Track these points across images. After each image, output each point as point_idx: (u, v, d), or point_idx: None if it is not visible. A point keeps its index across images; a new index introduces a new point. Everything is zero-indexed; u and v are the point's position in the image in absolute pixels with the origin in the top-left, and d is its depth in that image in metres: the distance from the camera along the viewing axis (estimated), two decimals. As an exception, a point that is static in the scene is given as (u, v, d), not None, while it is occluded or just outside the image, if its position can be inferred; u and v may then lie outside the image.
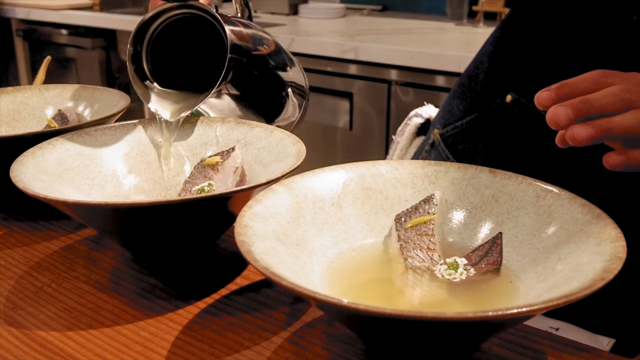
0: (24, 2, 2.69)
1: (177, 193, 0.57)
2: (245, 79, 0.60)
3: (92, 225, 0.51)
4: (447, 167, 0.48)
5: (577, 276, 0.35)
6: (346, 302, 0.31)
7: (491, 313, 0.30)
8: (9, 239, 0.57)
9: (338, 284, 0.42)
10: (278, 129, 0.56)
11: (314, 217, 0.45)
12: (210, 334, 0.43)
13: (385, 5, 2.52)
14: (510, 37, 0.68)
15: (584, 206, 0.41)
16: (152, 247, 0.51)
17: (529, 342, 0.42)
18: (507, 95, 0.64)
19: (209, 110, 0.61)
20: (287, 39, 1.89)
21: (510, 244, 0.44)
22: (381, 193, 0.48)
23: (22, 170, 0.49)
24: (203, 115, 0.61)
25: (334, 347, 0.42)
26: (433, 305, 0.41)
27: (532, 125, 0.62)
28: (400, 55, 1.70)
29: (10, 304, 0.47)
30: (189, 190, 0.55)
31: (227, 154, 0.57)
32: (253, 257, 0.35)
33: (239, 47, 0.57)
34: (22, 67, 2.85)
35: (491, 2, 2.02)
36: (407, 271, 0.44)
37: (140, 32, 0.59)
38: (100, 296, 0.48)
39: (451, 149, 0.71)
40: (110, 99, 0.69)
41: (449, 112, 0.74)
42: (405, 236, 0.46)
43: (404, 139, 0.84)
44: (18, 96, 0.74)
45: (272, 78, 0.64)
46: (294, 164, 0.48)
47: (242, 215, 0.40)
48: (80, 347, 0.42)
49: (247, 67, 0.59)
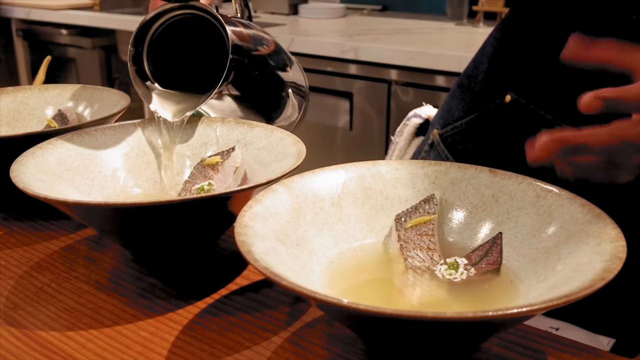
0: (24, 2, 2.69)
1: (177, 193, 0.57)
2: (246, 79, 0.60)
3: (92, 225, 0.51)
4: (447, 167, 0.48)
5: (577, 276, 0.35)
6: (346, 302, 0.31)
7: (491, 313, 0.30)
8: (9, 239, 0.57)
9: (338, 284, 0.42)
10: (278, 129, 0.56)
11: (314, 217, 0.45)
12: (210, 334, 0.43)
13: (385, 5, 2.52)
14: (510, 37, 0.68)
15: (584, 206, 0.41)
16: (152, 247, 0.51)
17: (529, 342, 0.42)
18: (507, 95, 0.64)
19: (209, 110, 0.61)
20: (287, 39, 1.89)
21: (510, 244, 0.44)
22: (381, 193, 0.48)
23: (22, 170, 0.49)
24: (203, 115, 0.61)
25: (334, 347, 0.42)
26: (433, 305, 0.41)
27: (532, 125, 0.62)
28: (400, 55, 1.70)
29: (10, 304, 0.47)
30: (189, 190, 0.55)
31: (227, 154, 0.57)
32: (253, 257, 0.35)
33: (239, 48, 0.57)
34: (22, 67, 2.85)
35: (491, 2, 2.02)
36: (407, 271, 0.44)
37: (141, 33, 0.59)
38: (100, 296, 0.48)
39: (450, 149, 0.71)
40: (110, 99, 0.69)
41: (448, 112, 0.74)
42: (406, 236, 0.46)
43: (402, 140, 0.84)
44: (18, 96, 0.74)
45: (273, 78, 0.64)
46: (294, 164, 0.48)
47: (242, 215, 0.40)
48: (80, 347, 0.42)
49: (248, 67, 0.59)
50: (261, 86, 0.64)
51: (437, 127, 0.75)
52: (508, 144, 0.65)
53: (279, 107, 0.65)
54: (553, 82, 0.62)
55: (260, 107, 0.64)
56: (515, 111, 0.63)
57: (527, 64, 0.65)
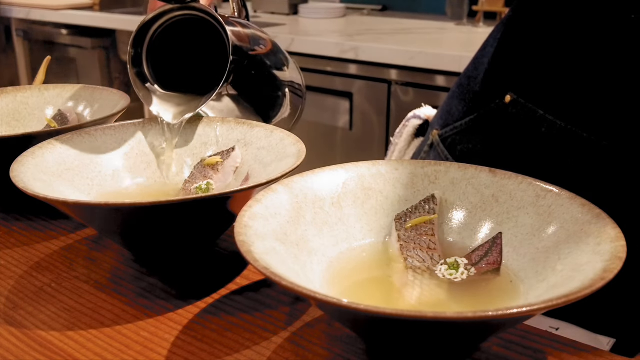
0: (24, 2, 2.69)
1: (177, 193, 0.57)
2: (244, 79, 0.60)
3: (92, 225, 0.51)
4: (447, 167, 0.48)
5: (577, 276, 0.35)
6: (346, 302, 0.31)
7: (491, 313, 0.30)
8: (9, 239, 0.57)
9: (338, 284, 0.42)
10: (278, 129, 0.56)
11: (314, 217, 0.45)
12: (210, 334, 0.43)
13: (385, 5, 2.52)
14: (510, 37, 0.68)
15: (584, 206, 0.41)
16: (152, 247, 0.51)
17: (529, 342, 0.42)
18: (507, 96, 0.64)
19: (208, 111, 0.61)
20: (287, 39, 1.89)
21: (510, 244, 0.44)
22: (381, 193, 0.48)
23: (22, 170, 0.49)
24: (202, 116, 0.61)
25: (334, 347, 0.42)
26: (433, 305, 0.41)
27: (532, 125, 0.62)
28: (400, 55, 1.70)
29: (10, 304, 0.47)
30: (189, 190, 0.55)
31: (227, 154, 0.57)
32: (253, 257, 0.35)
33: (238, 48, 0.57)
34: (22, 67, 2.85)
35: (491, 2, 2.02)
36: (407, 271, 0.44)
37: (140, 34, 0.59)
38: (100, 296, 0.48)
39: (450, 150, 0.71)
40: (110, 99, 0.69)
41: (447, 113, 0.74)
42: (406, 236, 0.46)
43: (402, 141, 0.84)
44: (18, 96, 0.74)
45: (270, 78, 0.64)
46: (294, 164, 0.48)
47: (242, 215, 0.40)
48: (80, 347, 0.42)
49: (246, 67, 0.59)
50: (259, 86, 0.64)
51: (436, 127, 0.75)
52: (508, 145, 0.65)
53: (276, 106, 0.65)
54: (553, 83, 0.62)
55: (258, 107, 0.64)
56: (515, 111, 0.63)
57: (527, 64, 0.65)
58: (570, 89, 0.60)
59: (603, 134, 0.57)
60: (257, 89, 0.64)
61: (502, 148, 0.66)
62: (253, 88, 0.63)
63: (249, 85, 0.62)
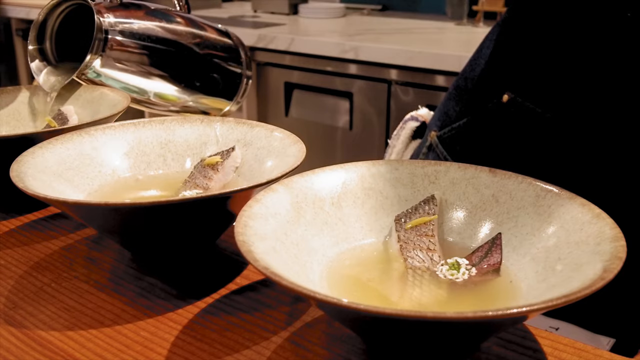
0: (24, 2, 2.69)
1: (176, 193, 0.57)
2: (184, 68, 0.75)
3: (92, 225, 0.51)
4: (447, 167, 0.48)
5: (577, 276, 0.35)
6: (346, 302, 0.31)
7: (491, 313, 0.30)
8: (9, 239, 0.57)
9: (338, 284, 0.42)
10: (278, 129, 0.56)
11: (314, 217, 0.45)
12: (210, 334, 0.43)
13: (385, 5, 2.52)
14: (508, 37, 0.68)
15: (584, 206, 0.41)
16: (152, 246, 0.51)
17: (529, 342, 0.42)
18: (504, 95, 0.64)
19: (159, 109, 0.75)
20: (287, 39, 1.89)
21: (510, 244, 0.44)
22: (381, 193, 0.48)
23: (22, 170, 0.49)
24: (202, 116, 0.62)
25: (334, 347, 0.42)
26: (433, 305, 0.41)
27: (530, 124, 0.62)
28: (400, 55, 1.70)
29: (10, 304, 0.47)
30: (189, 189, 0.55)
31: (227, 154, 0.57)
32: (253, 257, 0.35)
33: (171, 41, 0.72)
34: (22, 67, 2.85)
35: (491, 2, 2.02)
36: (407, 271, 0.44)
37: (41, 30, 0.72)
38: (100, 296, 0.48)
39: (449, 151, 0.71)
40: (110, 99, 0.69)
41: (445, 114, 0.74)
42: (405, 237, 0.46)
43: (399, 143, 0.84)
44: (18, 96, 0.74)
45: (207, 60, 0.78)
46: (294, 164, 0.48)
47: (242, 215, 0.40)
48: (80, 347, 0.42)
49: (180, 56, 0.74)
50: (198, 70, 0.77)
51: (434, 129, 0.75)
52: (507, 144, 0.65)
53: (219, 84, 0.79)
54: (551, 81, 0.62)
55: (205, 90, 0.78)
56: (513, 110, 0.63)
57: (524, 64, 0.65)
58: (568, 87, 0.60)
59: (601, 130, 0.57)
60: (196, 74, 0.78)
61: (501, 147, 0.66)
62: (192, 73, 0.77)
63: (189, 72, 0.77)
